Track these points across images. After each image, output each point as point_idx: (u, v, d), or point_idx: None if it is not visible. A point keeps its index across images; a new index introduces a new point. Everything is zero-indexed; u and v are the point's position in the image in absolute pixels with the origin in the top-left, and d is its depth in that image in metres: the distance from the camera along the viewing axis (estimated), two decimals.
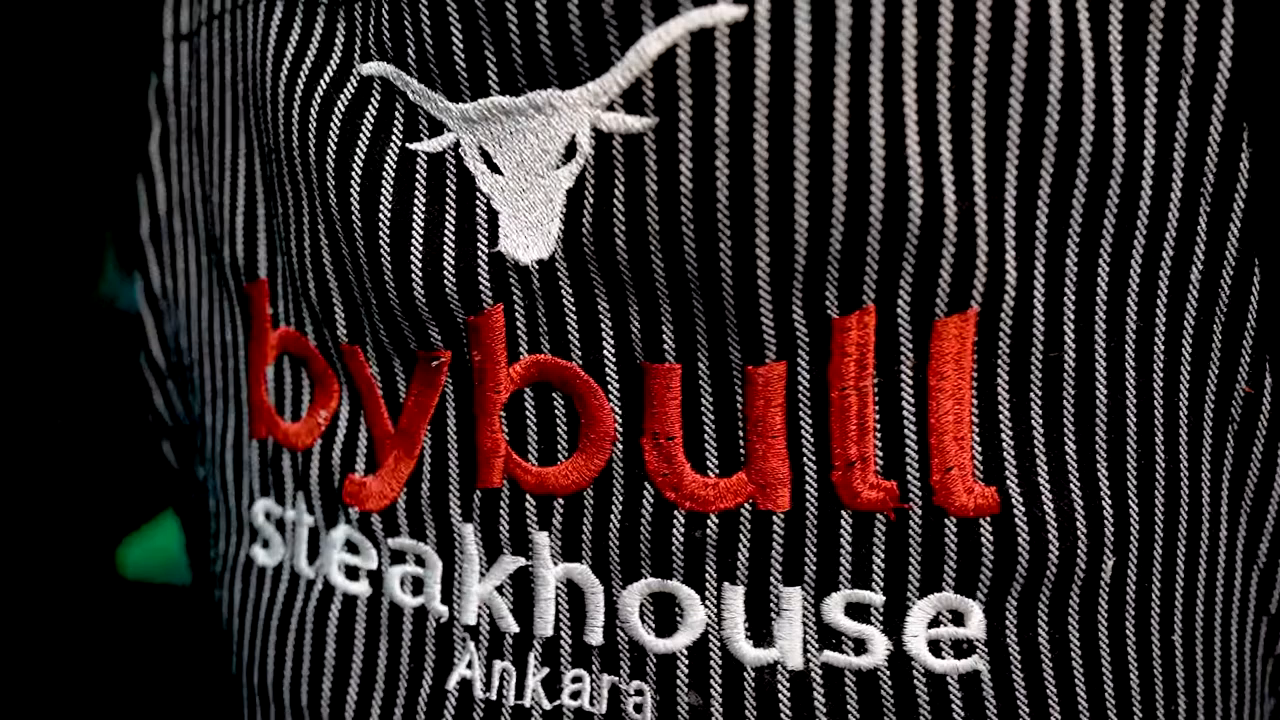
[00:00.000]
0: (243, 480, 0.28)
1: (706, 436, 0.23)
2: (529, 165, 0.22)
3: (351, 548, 0.26)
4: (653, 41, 0.20)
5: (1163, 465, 0.23)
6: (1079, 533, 0.22)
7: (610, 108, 0.21)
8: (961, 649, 0.22)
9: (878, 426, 0.22)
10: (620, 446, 0.23)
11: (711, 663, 0.23)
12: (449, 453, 0.25)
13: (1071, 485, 0.22)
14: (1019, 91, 0.20)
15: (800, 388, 0.22)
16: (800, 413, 0.22)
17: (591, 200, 0.22)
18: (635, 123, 0.21)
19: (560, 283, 0.23)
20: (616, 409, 0.23)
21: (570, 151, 0.22)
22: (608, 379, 0.23)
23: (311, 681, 0.26)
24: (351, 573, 0.26)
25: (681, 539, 0.23)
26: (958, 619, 0.22)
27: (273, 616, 0.27)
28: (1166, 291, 0.22)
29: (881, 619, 0.22)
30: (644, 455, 0.23)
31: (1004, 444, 0.22)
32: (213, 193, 0.29)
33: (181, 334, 0.31)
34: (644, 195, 0.21)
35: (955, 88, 0.20)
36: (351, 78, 0.24)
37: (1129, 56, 0.21)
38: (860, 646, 0.23)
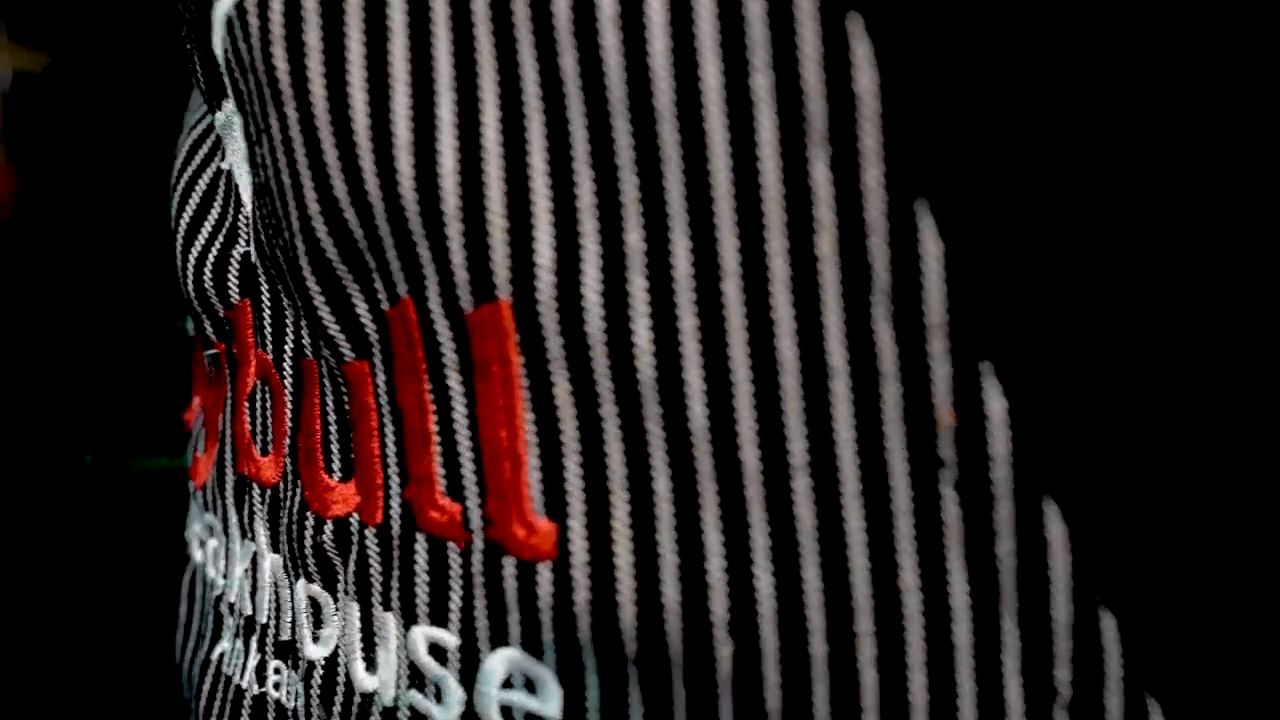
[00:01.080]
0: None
1: (333, 438, 0.21)
2: (242, 170, 0.23)
3: (199, 518, 0.28)
4: (215, 39, 0.20)
5: (811, 522, 0.16)
6: (666, 599, 0.16)
7: None
8: None
9: (439, 439, 0.18)
10: (289, 443, 0.23)
11: (338, 680, 0.21)
12: (227, 439, 0.26)
13: (659, 535, 0.16)
14: (529, 32, 0.16)
15: (380, 391, 0.19)
16: (385, 419, 0.19)
17: (255, 200, 0.22)
18: (237, 119, 0.21)
19: (260, 281, 0.23)
20: (290, 406, 0.23)
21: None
22: (285, 375, 0.23)
23: (176, 632, 0.29)
24: (200, 542, 0.28)
25: (310, 542, 0.21)
26: (530, 686, 0.18)
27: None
28: (788, 278, 0.16)
29: (459, 666, 0.19)
30: (299, 453, 0.22)
31: (567, 472, 0.17)
32: None
33: None
34: (254, 190, 0.21)
35: (457, 43, 0.17)
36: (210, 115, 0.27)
37: None
38: (439, 694, 0.19)
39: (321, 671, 0.22)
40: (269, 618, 0.24)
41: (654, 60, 0.15)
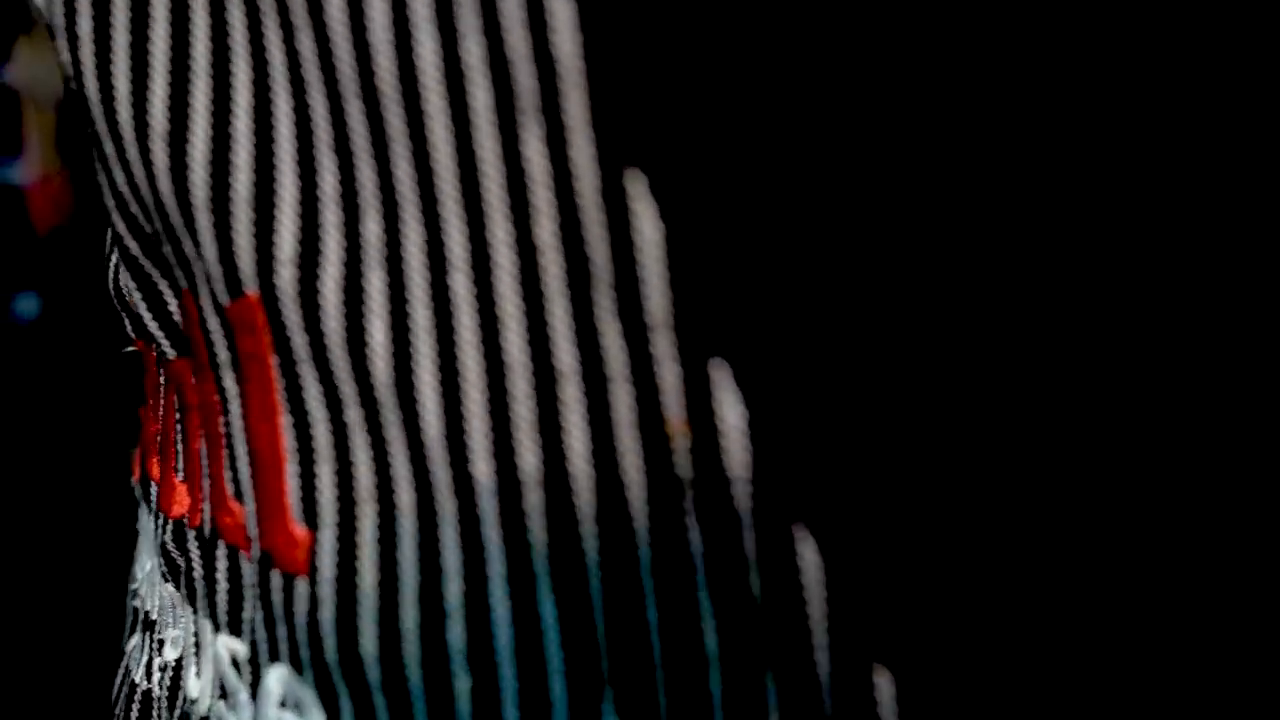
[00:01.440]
0: None
1: (178, 437, 0.21)
2: None
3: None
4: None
5: (544, 547, 0.14)
6: (404, 624, 0.15)
7: None
8: None
9: (225, 441, 0.17)
10: (159, 440, 0.22)
11: (180, 683, 0.21)
12: (145, 437, 0.26)
13: (401, 553, 0.15)
14: (273, 12, 0.15)
15: (195, 390, 0.19)
16: (201, 419, 0.19)
17: None
18: None
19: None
20: (162, 403, 0.22)
21: None
22: (161, 373, 0.22)
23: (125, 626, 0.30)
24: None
25: (159, 543, 0.21)
26: (299, 708, 0.17)
27: None
28: (515, 270, 0.14)
29: (250, 679, 0.18)
30: (161, 451, 0.22)
31: (320, 480, 0.16)
32: None
33: None
34: None
35: (214, 27, 0.16)
36: None
37: None
38: (235, 705, 0.18)
39: (170, 673, 0.22)
40: (156, 615, 0.24)
41: (374, 36, 0.14)
